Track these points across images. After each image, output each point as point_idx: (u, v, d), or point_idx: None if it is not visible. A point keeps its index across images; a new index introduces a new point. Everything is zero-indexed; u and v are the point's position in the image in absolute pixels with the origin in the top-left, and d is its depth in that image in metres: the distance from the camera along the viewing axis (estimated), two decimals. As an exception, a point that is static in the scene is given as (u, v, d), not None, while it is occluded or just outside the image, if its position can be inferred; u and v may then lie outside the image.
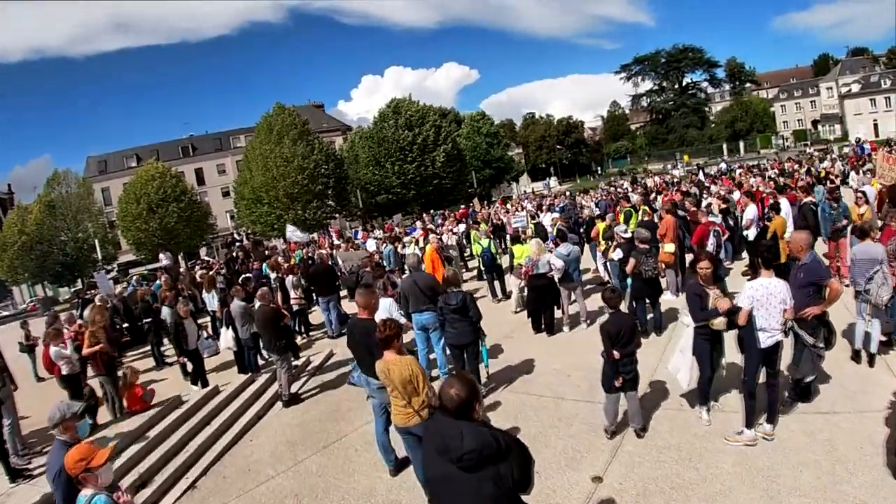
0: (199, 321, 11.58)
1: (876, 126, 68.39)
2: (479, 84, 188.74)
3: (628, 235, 10.25)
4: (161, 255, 24.42)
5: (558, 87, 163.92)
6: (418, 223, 25.61)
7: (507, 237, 19.12)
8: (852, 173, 23.16)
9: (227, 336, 10.48)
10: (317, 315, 14.05)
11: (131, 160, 65.08)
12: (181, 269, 27.41)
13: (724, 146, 79.09)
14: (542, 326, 10.37)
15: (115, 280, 45.17)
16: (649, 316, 9.50)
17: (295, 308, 12.82)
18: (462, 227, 21.79)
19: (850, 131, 69.74)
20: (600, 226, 13.32)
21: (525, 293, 11.02)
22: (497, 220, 21.37)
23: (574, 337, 10.14)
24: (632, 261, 9.34)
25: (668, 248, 10.81)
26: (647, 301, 9.50)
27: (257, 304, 9.25)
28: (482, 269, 13.88)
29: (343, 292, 15.01)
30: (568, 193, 36.62)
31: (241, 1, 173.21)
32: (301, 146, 43.03)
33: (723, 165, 37.28)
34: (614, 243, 10.59)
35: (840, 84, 78.35)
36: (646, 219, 13.61)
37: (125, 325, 15.10)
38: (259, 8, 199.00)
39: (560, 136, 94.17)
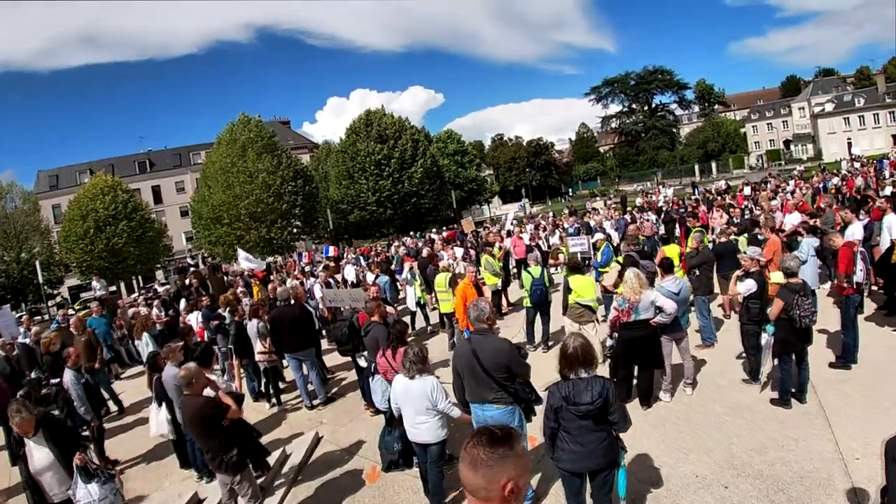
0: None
1: (849, 144, 67.03)
2: (445, 108, 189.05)
3: (763, 259, 7.08)
4: (94, 282, 20.06)
5: (522, 112, 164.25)
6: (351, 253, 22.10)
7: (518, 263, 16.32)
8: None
9: (159, 419, 6.90)
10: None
11: (84, 175, 58.48)
12: (122, 301, 23.30)
13: (696, 167, 78.04)
14: (630, 394, 7.21)
15: (60, 306, 41.47)
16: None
17: (263, 366, 9.23)
18: (459, 250, 18.36)
19: (824, 150, 70.81)
20: (671, 250, 10.16)
21: (607, 347, 7.60)
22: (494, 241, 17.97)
23: (679, 409, 6.96)
24: (779, 302, 6.25)
25: (777, 277, 7.55)
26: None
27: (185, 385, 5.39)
28: (530, 307, 10.34)
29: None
30: (570, 213, 32.63)
31: (211, 20, 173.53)
32: (266, 160, 38.97)
33: (721, 183, 34.96)
34: (738, 272, 7.35)
35: (813, 104, 79.03)
36: (721, 239, 10.54)
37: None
38: (228, 28, 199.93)
39: (530, 157, 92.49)
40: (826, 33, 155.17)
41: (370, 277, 14.91)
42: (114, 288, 37.87)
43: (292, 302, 9.62)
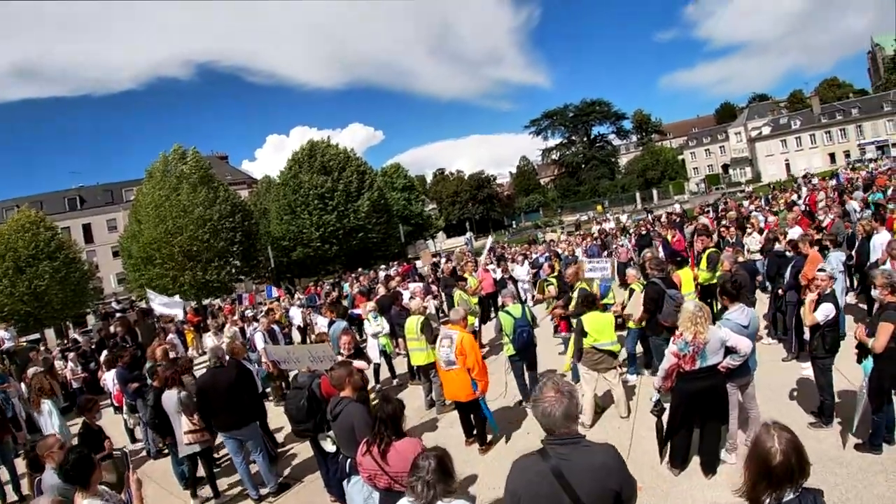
0: None
1: (788, 165, 72.15)
2: (384, 145, 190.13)
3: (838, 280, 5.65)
4: (1, 331, 17.19)
5: (460, 147, 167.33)
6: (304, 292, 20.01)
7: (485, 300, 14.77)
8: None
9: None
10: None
11: (11, 212, 54.52)
12: (35, 353, 20.22)
13: (637, 195, 79.09)
14: (687, 459, 5.54)
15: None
16: None
17: (190, 450, 6.94)
18: (418, 285, 16.43)
19: (762, 172, 73.71)
20: (685, 274, 8.72)
21: (654, 404, 5.70)
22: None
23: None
24: (888, 327, 4.87)
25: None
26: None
27: None
28: (514, 355, 8.14)
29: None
30: (546, 240, 30.66)
31: (151, 55, 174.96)
32: (202, 193, 35.93)
33: (676, 207, 34.54)
34: (811, 298, 5.80)
35: (749, 128, 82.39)
36: (743, 259, 9.19)
37: None
38: (168, 64, 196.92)
39: (472, 191, 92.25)
40: (754, 62, 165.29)
41: (321, 322, 12.73)
42: (36, 336, 34.18)
43: (227, 361, 7.45)
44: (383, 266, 32.31)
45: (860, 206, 14.86)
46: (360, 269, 30.96)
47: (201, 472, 7.35)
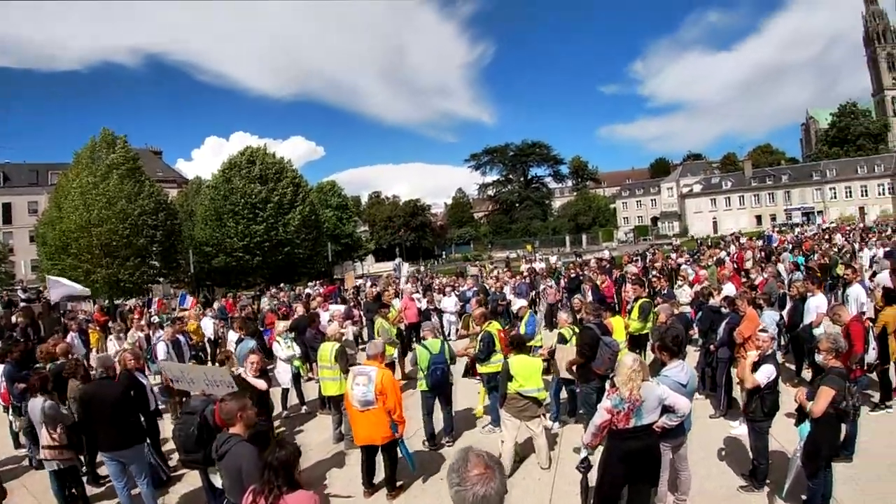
0: None
1: (715, 223, 75.81)
2: (324, 161, 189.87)
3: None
4: None
5: (400, 173, 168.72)
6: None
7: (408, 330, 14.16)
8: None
9: None
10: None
11: None
12: None
13: (567, 238, 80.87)
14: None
15: None
16: None
17: (49, 466, 6.03)
18: (339, 308, 15.55)
19: (690, 227, 77.22)
20: (617, 322, 8.40)
21: (586, 460, 5.17)
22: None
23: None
24: (828, 391, 4.70)
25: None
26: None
27: None
28: (426, 391, 7.56)
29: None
30: (474, 272, 30.11)
31: (102, 39, 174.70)
32: (129, 185, 33.75)
33: (605, 253, 35.10)
34: (752, 359, 5.47)
35: (682, 184, 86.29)
36: (678, 311, 8.96)
37: None
38: (117, 49, 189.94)
39: (406, 217, 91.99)
40: (692, 123, 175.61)
41: (231, 338, 11.79)
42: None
43: (117, 373, 6.54)
44: (311, 283, 31.07)
45: (790, 268, 15.18)
46: (282, 285, 29.63)
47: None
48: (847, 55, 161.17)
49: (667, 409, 4.68)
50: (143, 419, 7.00)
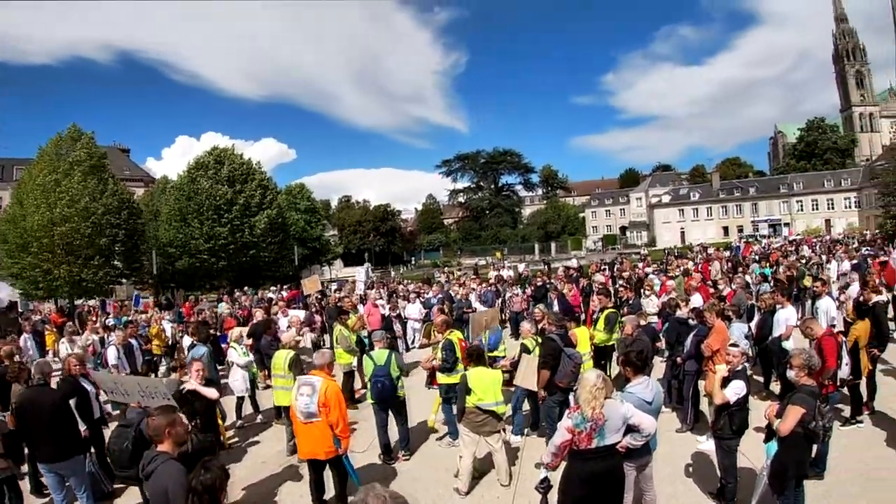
0: None
1: (683, 233, 77.12)
2: (295, 164, 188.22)
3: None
4: None
5: (371, 177, 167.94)
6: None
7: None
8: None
9: None
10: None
11: None
12: None
13: (536, 246, 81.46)
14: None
15: None
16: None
17: None
18: (298, 313, 15.08)
19: (658, 237, 78.13)
20: (582, 333, 8.14)
21: (546, 480, 4.68)
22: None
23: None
24: (797, 410, 4.49)
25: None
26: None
27: None
28: (374, 404, 7.25)
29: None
30: (441, 279, 29.50)
31: (72, 31, 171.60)
32: (92, 183, 32.78)
33: (573, 261, 34.93)
34: (721, 374, 5.23)
35: (651, 195, 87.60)
36: (644, 322, 8.73)
37: None
38: (88, 44, 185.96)
39: (376, 222, 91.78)
40: (662, 135, 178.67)
41: (185, 342, 11.30)
42: None
43: (55, 379, 6.11)
44: (272, 287, 30.39)
45: (757, 280, 15.16)
46: (245, 288, 28.92)
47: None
48: (816, 72, 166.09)
49: (631, 429, 4.39)
50: (85, 428, 6.67)
